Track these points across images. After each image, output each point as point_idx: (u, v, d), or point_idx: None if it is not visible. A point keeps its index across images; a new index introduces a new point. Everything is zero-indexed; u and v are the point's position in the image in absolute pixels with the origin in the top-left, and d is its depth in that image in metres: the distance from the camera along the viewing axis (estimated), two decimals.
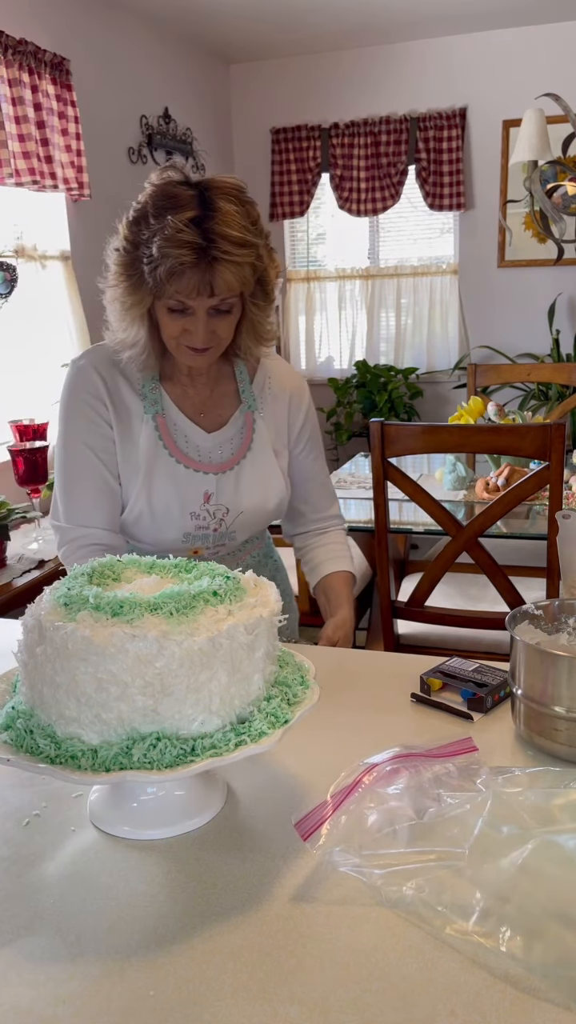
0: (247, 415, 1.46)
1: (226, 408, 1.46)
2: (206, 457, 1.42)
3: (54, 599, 0.84)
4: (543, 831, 0.76)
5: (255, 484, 1.45)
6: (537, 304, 4.83)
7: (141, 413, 1.40)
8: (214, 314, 1.28)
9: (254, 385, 1.48)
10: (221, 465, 1.43)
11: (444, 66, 4.74)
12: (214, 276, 1.22)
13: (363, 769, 0.87)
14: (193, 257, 1.20)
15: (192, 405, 1.43)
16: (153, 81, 4.32)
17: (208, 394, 1.45)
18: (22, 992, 0.68)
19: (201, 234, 1.20)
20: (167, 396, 1.41)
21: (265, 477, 1.45)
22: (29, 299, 3.32)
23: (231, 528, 1.45)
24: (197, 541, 1.43)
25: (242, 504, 1.43)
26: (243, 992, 0.67)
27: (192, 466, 1.41)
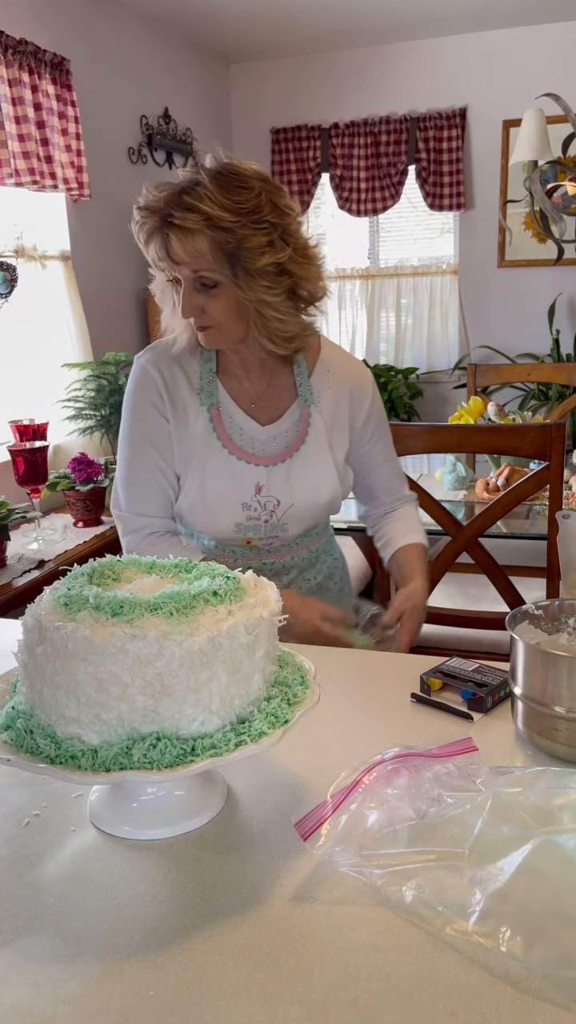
0: (303, 408, 1.47)
1: (283, 401, 1.47)
2: (260, 449, 1.45)
3: (54, 599, 0.84)
4: (543, 831, 0.76)
5: (306, 478, 1.45)
6: (537, 304, 4.83)
7: (197, 405, 1.45)
8: (201, 289, 1.32)
9: (313, 378, 1.48)
10: (273, 457, 1.45)
11: (444, 66, 4.74)
12: (168, 242, 1.29)
13: (363, 769, 0.87)
14: (153, 222, 1.29)
15: (248, 398, 1.46)
16: (153, 81, 4.32)
17: (265, 387, 1.47)
18: (22, 992, 0.68)
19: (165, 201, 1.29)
20: (222, 388, 1.46)
21: (317, 471, 1.46)
22: (29, 299, 3.32)
23: (282, 520, 1.46)
24: (249, 531, 1.46)
25: (292, 497, 1.45)
26: (243, 992, 0.67)
27: (244, 457, 1.44)
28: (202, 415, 1.44)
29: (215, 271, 1.30)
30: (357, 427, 1.53)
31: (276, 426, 1.46)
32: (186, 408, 1.45)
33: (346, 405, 1.50)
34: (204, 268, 1.29)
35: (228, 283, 1.31)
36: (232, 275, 1.30)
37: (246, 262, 1.29)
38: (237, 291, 1.32)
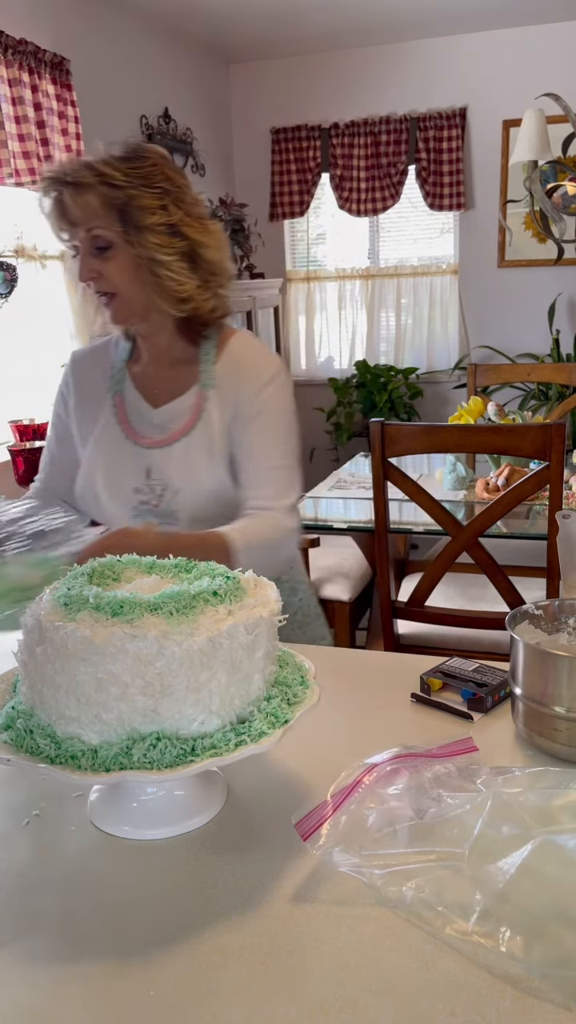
0: (200, 393, 1.46)
1: (183, 387, 1.48)
2: (152, 432, 1.46)
3: (54, 599, 0.84)
4: (543, 831, 0.76)
5: (190, 462, 1.43)
6: (537, 304, 4.83)
7: (106, 393, 1.51)
8: (95, 253, 1.36)
9: (217, 365, 1.47)
10: (161, 440, 1.45)
11: (444, 66, 4.74)
12: (62, 207, 1.34)
13: (363, 769, 0.87)
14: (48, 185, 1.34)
15: (152, 384, 1.49)
16: (153, 81, 4.32)
17: (167, 372, 1.49)
18: (22, 992, 0.68)
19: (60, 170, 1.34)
20: (129, 377, 1.51)
21: (202, 457, 1.43)
22: (29, 299, 3.32)
23: (171, 507, 1.44)
24: (147, 515, 1.45)
25: (176, 481, 1.43)
26: (243, 992, 0.67)
27: (138, 441, 1.46)
28: (107, 404, 1.50)
29: (107, 228, 1.34)
30: (243, 408, 1.44)
31: (169, 408, 1.46)
32: (95, 398, 1.52)
33: (239, 389, 1.45)
34: (97, 226, 1.33)
35: (121, 243, 1.35)
36: (123, 232, 1.34)
37: (137, 219, 1.34)
38: (130, 250, 1.35)
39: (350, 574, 2.80)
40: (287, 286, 5.32)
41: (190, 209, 1.39)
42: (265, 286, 4.79)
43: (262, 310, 4.76)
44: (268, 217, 5.16)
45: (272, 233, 5.22)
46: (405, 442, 2.04)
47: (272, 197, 5.14)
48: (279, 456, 1.45)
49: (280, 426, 1.46)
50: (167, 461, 1.44)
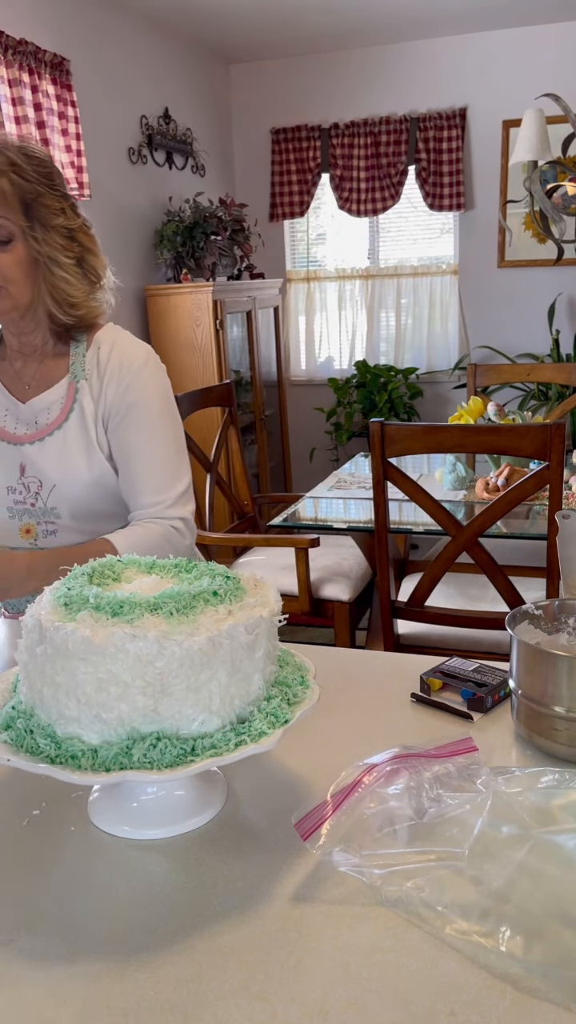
0: (71, 384, 1.43)
1: (53, 381, 1.45)
2: (22, 428, 1.43)
3: (54, 599, 0.84)
4: (543, 831, 0.76)
5: (66, 455, 1.40)
6: (537, 304, 4.84)
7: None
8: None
9: (87, 356, 1.45)
10: (32, 435, 1.42)
11: (444, 66, 4.74)
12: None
13: (363, 769, 0.87)
14: None
15: (21, 381, 1.45)
16: (153, 81, 4.32)
17: (36, 367, 1.46)
18: (22, 992, 0.68)
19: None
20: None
21: (79, 448, 1.40)
22: None
23: (49, 504, 1.40)
24: (24, 516, 1.42)
25: (52, 476, 1.40)
26: (243, 992, 0.67)
27: (7, 438, 1.42)
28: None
29: (12, 220, 1.32)
30: (116, 402, 1.42)
31: (37, 401, 1.43)
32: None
33: (111, 381, 1.43)
34: (4, 217, 1.31)
35: (21, 238, 1.33)
36: (29, 227, 1.33)
37: (43, 217, 1.34)
38: (31, 245, 1.34)
39: (350, 574, 2.80)
40: (287, 286, 5.32)
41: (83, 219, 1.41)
42: (265, 286, 4.79)
43: (262, 310, 4.77)
44: (268, 217, 5.16)
45: (272, 233, 5.22)
46: (405, 442, 2.04)
47: (272, 197, 5.14)
48: (161, 445, 1.43)
49: (155, 415, 1.43)
50: (41, 455, 1.40)
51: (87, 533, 1.44)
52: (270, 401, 4.98)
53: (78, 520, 1.42)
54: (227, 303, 4.23)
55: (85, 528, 1.44)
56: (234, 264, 4.60)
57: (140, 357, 1.44)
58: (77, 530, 1.43)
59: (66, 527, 1.43)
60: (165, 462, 1.43)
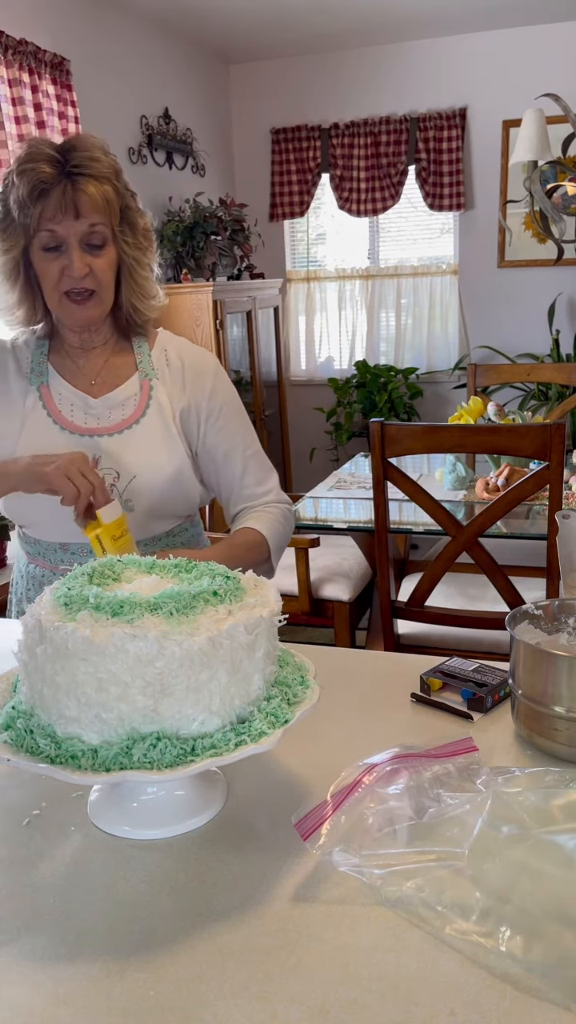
0: (144, 381, 1.45)
1: (122, 377, 1.46)
2: (94, 422, 1.42)
3: (54, 599, 0.84)
4: (543, 831, 0.76)
5: (148, 447, 1.41)
6: (537, 304, 4.83)
7: (26, 387, 1.44)
8: (88, 249, 1.32)
9: (152, 357, 1.47)
10: (110, 427, 1.42)
11: (444, 66, 4.74)
12: (76, 193, 1.28)
13: (363, 769, 0.87)
14: (51, 171, 1.27)
15: (84, 377, 1.45)
16: (153, 81, 4.32)
17: (102, 364, 1.46)
18: (22, 991, 0.68)
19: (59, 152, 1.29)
20: (53, 369, 1.46)
21: (160, 440, 1.42)
22: None
23: (125, 495, 1.40)
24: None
25: (133, 467, 1.40)
26: (243, 992, 0.67)
27: (78, 430, 1.41)
28: (31, 396, 1.44)
29: (108, 226, 1.33)
30: (202, 406, 1.46)
31: (112, 396, 1.43)
32: (12, 395, 1.44)
33: (187, 384, 1.47)
34: (104, 222, 1.31)
35: (112, 242, 1.34)
36: (120, 231, 1.35)
37: (133, 219, 1.36)
38: (122, 248, 1.36)
39: (350, 574, 2.80)
40: (287, 286, 5.32)
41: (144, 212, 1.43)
42: (265, 286, 4.79)
43: (262, 310, 4.77)
44: (268, 217, 5.16)
45: (272, 233, 5.22)
46: (405, 442, 2.04)
47: (272, 197, 5.14)
48: (253, 441, 1.52)
49: (239, 415, 1.51)
50: (121, 447, 1.40)
51: (150, 532, 1.44)
52: (270, 401, 4.98)
53: (150, 516, 1.43)
54: (227, 303, 4.23)
55: (151, 526, 1.44)
56: (234, 264, 4.60)
57: (212, 362, 1.52)
58: (140, 528, 1.42)
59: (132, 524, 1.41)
60: (261, 456, 1.54)
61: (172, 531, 1.48)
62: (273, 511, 1.50)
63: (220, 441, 1.48)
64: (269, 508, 1.50)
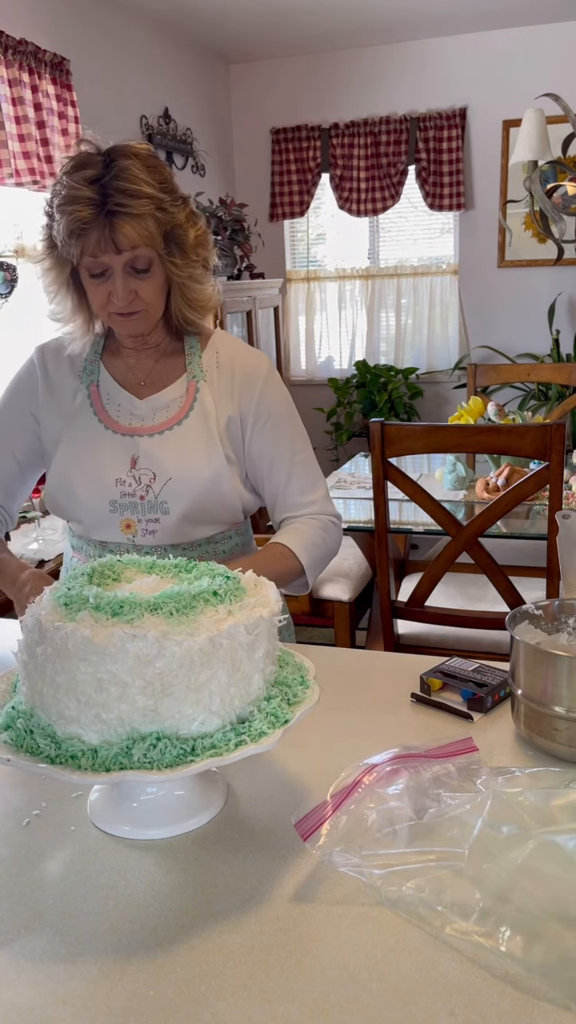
0: (191, 383, 1.44)
1: (170, 378, 1.45)
2: (138, 421, 1.42)
3: (54, 599, 0.84)
4: (543, 831, 0.76)
5: (186, 449, 1.39)
6: (537, 304, 4.83)
7: (78, 386, 1.45)
8: (132, 273, 1.30)
9: (203, 359, 1.46)
10: (151, 428, 1.41)
11: (444, 66, 4.74)
12: (114, 231, 1.25)
13: (363, 769, 0.87)
14: (89, 212, 1.25)
15: (134, 377, 1.45)
16: (153, 81, 4.32)
17: (152, 365, 1.46)
18: (22, 992, 0.68)
19: (98, 190, 1.25)
20: (104, 368, 1.46)
21: (199, 444, 1.40)
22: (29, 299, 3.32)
23: (160, 497, 1.38)
24: (126, 511, 1.39)
25: (169, 468, 1.38)
26: (243, 992, 0.67)
27: (120, 430, 1.41)
28: (80, 394, 1.45)
29: (153, 250, 1.30)
30: (249, 411, 1.44)
31: (157, 398, 1.43)
32: (64, 394, 1.45)
33: (236, 388, 1.44)
34: (147, 249, 1.29)
35: (158, 262, 1.32)
36: (168, 254, 1.32)
37: (180, 239, 1.33)
38: (169, 268, 1.34)
39: (350, 574, 2.80)
40: (287, 286, 5.32)
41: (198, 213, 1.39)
42: (265, 286, 4.79)
43: (262, 310, 4.77)
44: (268, 217, 5.16)
45: (272, 233, 5.22)
46: (405, 442, 2.04)
47: (272, 197, 5.14)
48: (302, 449, 1.49)
49: (289, 421, 1.48)
50: (159, 448, 1.39)
51: (185, 537, 1.42)
52: None
53: (185, 520, 1.40)
54: (227, 303, 4.23)
55: (186, 531, 1.41)
56: (234, 264, 4.60)
57: (265, 366, 1.48)
58: (177, 532, 1.41)
59: (169, 527, 1.39)
60: (309, 464, 1.49)
61: (213, 538, 1.45)
62: (313, 523, 1.46)
63: (266, 448, 1.45)
64: (310, 520, 1.47)
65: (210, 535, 1.44)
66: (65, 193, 1.26)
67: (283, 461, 1.46)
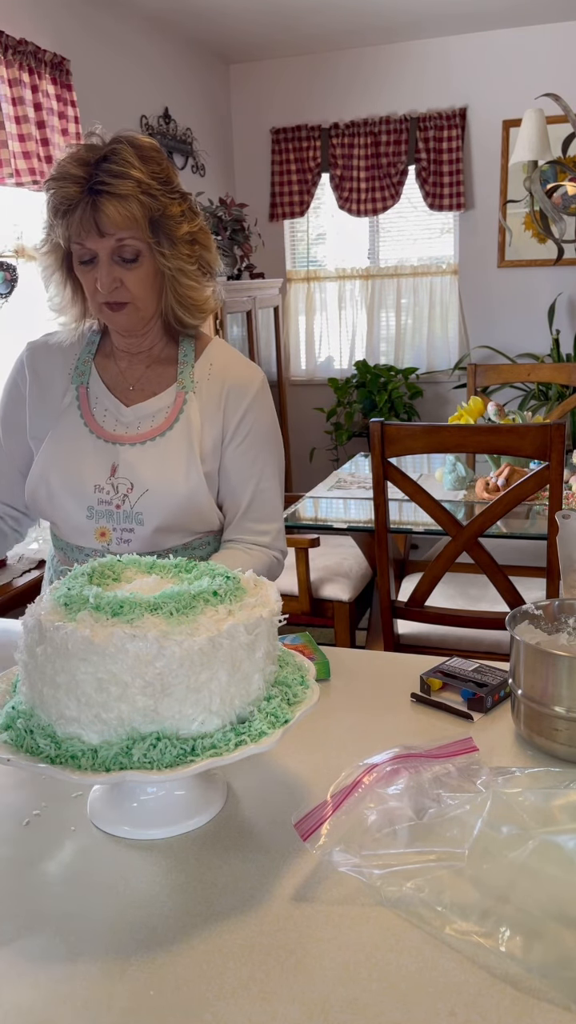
0: (179, 394, 1.41)
1: (159, 387, 1.43)
2: (122, 429, 1.40)
3: (54, 599, 0.84)
4: (543, 831, 0.76)
5: (165, 463, 1.38)
6: (537, 304, 4.83)
7: (67, 386, 1.44)
8: (119, 262, 1.30)
9: (196, 368, 1.44)
10: (133, 437, 1.40)
11: (444, 66, 4.74)
12: (96, 211, 1.25)
13: (363, 769, 0.87)
14: (75, 190, 1.25)
15: (124, 381, 1.43)
16: (153, 81, 4.32)
17: (143, 371, 1.44)
18: (22, 992, 0.68)
19: (87, 171, 1.26)
20: (95, 370, 1.44)
21: (178, 458, 1.38)
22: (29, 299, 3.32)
23: (136, 508, 1.37)
24: (102, 519, 1.38)
25: (147, 480, 1.37)
26: (243, 992, 0.67)
27: (104, 436, 1.40)
28: (69, 395, 1.43)
29: (141, 240, 1.29)
30: (230, 427, 1.42)
31: (142, 407, 1.41)
32: (53, 392, 1.44)
33: (222, 401, 1.42)
34: (132, 237, 1.28)
35: (147, 254, 1.31)
36: (156, 243, 1.31)
37: (169, 230, 1.31)
38: (159, 260, 1.32)
39: (350, 574, 2.80)
40: (287, 286, 5.32)
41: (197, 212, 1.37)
42: (265, 286, 4.79)
43: (262, 310, 4.76)
44: (268, 217, 5.16)
45: (272, 233, 5.22)
46: (405, 442, 2.04)
47: (272, 197, 5.14)
48: (271, 476, 1.46)
49: (266, 446, 1.45)
50: (139, 458, 1.37)
51: (160, 546, 1.40)
52: None
53: (159, 532, 1.38)
54: (227, 303, 4.23)
55: (159, 542, 1.40)
56: (234, 264, 4.59)
57: (256, 382, 1.45)
58: (151, 543, 1.39)
59: (142, 538, 1.38)
60: (273, 494, 1.47)
61: (191, 544, 1.43)
62: (257, 553, 1.43)
63: (236, 466, 1.43)
64: (258, 550, 1.44)
65: (187, 541, 1.43)
66: (55, 171, 1.27)
67: (248, 485, 1.43)
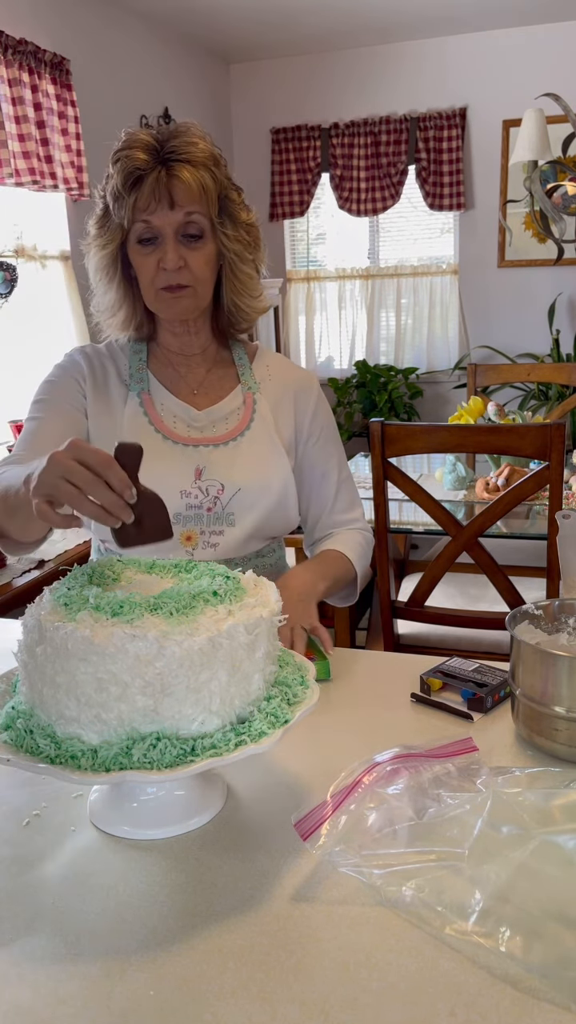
0: (247, 395, 1.42)
1: (223, 389, 1.43)
2: (198, 432, 1.38)
3: (54, 599, 0.84)
4: (543, 831, 0.76)
5: (254, 459, 1.37)
6: (537, 304, 4.83)
7: (126, 394, 1.40)
8: (184, 241, 1.28)
9: (254, 370, 1.45)
10: (215, 438, 1.38)
11: (444, 66, 4.74)
12: (170, 180, 1.24)
13: (363, 769, 0.87)
14: (146, 158, 1.24)
15: (186, 386, 1.42)
16: (153, 81, 4.32)
17: (204, 374, 1.43)
18: (22, 992, 0.68)
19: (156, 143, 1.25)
20: (154, 378, 1.42)
21: (265, 454, 1.38)
22: (29, 299, 3.32)
23: (228, 509, 1.35)
24: (190, 523, 1.35)
25: (238, 479, 1.35)
26: (243, 992, 0.67)
27: (181, 440, 1.37)
28: (132, 402, 1.38)
29: (206, 216, 1.27)
30: (304, 425, 1.45)
31: (216, 409, 1.40)
32: (111, 398, 1.39)
33: (290, 402, 1.45)
34: (201, 211, 1.26)
35: (210, 235, 1.30)
36: (220, 223, 1.30)
37: (232, 211, 1.31)
38: (220, 240, 1.31)
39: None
40: (287, 286, 5.32)
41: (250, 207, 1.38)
42: (265, 286, 4.77)
43: None
44: (268, 217, 5.16)
45: (272, 233, 5.22)
46: (405, 442, 2.04)
47: (272, 197, 5.14)
48: (346, 467, 1.53)
49: (336, 440, 1.52)
50: (225, 459, 1.36)
51: (243, 550, 1.39)
52: None
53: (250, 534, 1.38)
54: None
55: (248, 545, 1.39)
56: None
57: (315, 382, 1.52)
58: (238, 546, 1.37)
59: (232, 540, 1.36)
60: (351, 483, 1.54)
61: (261, 551, 1.43)
62: (356, 536, 1.50)
63: (318, 462, 1.47)
64: (356, 533, 1.51)
65: (259, 548, 1.43)
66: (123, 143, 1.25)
67: (332, 478, 1.49)
